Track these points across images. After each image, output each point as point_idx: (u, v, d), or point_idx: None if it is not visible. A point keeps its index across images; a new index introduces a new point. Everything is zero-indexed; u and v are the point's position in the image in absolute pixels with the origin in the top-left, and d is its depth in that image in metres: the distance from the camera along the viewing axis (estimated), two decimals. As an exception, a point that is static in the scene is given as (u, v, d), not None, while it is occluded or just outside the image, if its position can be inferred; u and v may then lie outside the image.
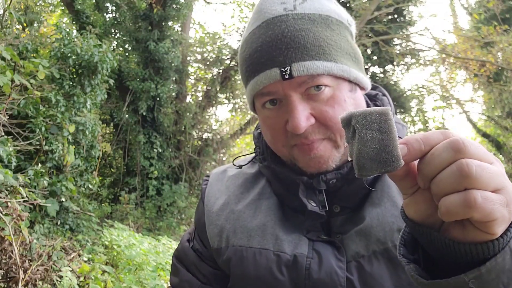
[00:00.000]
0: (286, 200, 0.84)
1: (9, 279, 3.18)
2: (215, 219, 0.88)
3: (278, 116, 0.76)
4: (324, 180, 0.77)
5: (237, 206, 0.87)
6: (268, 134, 0.80)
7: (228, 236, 0.84)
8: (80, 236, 5.06)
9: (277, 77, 0.72)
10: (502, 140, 13.95)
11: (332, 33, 0.75)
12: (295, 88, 0.73)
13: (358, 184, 0.78)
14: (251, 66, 0.76)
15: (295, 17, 0.73)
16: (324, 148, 0.75)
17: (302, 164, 0.78)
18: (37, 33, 6.93)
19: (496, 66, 10.36)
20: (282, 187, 0.83)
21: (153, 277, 4.03)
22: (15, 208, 3.21)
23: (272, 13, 0.75)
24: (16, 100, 4.43)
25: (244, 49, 0.79)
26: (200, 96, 10.86)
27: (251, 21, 0.80)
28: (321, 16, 0.75)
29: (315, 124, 0.74)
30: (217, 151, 10.01)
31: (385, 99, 0.89)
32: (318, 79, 0.72)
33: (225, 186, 0.92)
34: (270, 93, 0.75)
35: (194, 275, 0.89)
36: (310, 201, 0.78)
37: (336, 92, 0.74)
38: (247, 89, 0.80)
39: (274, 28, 0.73)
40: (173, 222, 8.16)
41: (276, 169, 0.83)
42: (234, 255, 0.82)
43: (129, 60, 9.12)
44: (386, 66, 12.43)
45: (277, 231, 0.80)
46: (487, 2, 11.36)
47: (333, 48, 0.73)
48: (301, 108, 0.72)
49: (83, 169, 5.49)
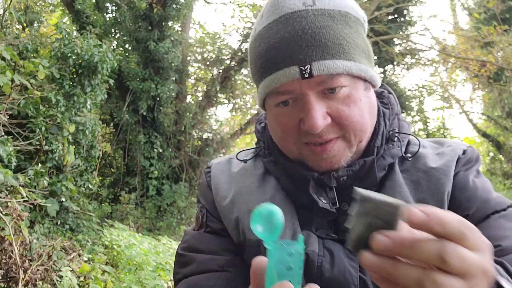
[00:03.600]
0: (294, 196, 0.82)
1: (9, 279, 3.18)
2: (227, 212, 0.84)
3: (291, 114, 0.74)
4: (335, 177, 0.76)
5: (250, 197, 0.83)
6: (279, 130, 0.78)
7: (244, 230, 0.81)
8: (80, 236, 5.06)
9: (296, 76, 0.69)
10: (502, 140, 13.95)
11: (350, 30, 0.73)
12: (312, 87, 0.71)
13: (369, 182, 0.77)
14: (267, 63, 0.73)
15: (315, 13, 0.71)
16: (337, 148, 0.74)
17: (312, 163, 0.76)
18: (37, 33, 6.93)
19: (496, 66, 10.36)
20: (291, 183, 0.81)
21: (153, 277, 4.03)
22: (15, 208, 3.21)
23: (291, 8, 0.72)
24: (16, 100, 4.43)
25: (258, 44, 0.76)
26: (200, 96, 10.87)
27: (266, 14, 0.76)
28: (341, 13, 0.73)
29: (330, 123, 0.72)
30: (217, 151, 10.01)
31: (392, 97, 0.88)
32: (337, 79, 0.70)
33: (233, 178, 0.89)
34: (286, 92, 0.73)
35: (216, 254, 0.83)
36: (320, 198, 0.76)
37: (352, 91, 0.73)
38: (261, 85, 0.76)
39: (294, 24, 0.70)
40: (173, 222, 8.16)
41: (285, 164, 0.81)
42: (251, 250, 0.80)
43: (129, 60, 9.12)
44: (386, 66, 12.44)
45: (295, 225, 0.78)
46: (487, 2, 11.35)
47: (351, 46, 0.72)
48: (318, 108, 0.71)
49: (83, 169, 5.49)
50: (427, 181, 0.77)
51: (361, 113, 0.73)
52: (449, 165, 0.78)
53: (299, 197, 0.81)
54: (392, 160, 0.80)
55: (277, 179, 0.85)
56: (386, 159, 0.79)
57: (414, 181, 0.78)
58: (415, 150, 0.81)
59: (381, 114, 0.83)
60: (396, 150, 0.80)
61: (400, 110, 0.87)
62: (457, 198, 0.77)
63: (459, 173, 0.79)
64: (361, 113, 0.73)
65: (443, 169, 0.78)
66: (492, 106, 13.82)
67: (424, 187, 0.77)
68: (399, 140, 0.81)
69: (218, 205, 0.86)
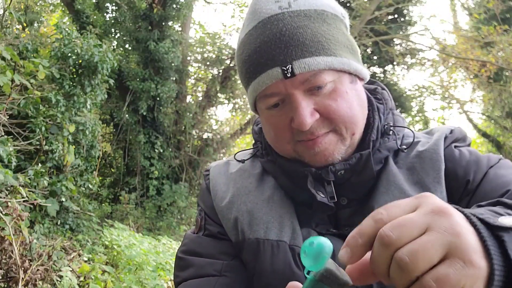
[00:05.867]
0: (293, 193, 0.83)
1: (9, 279, 3.18)
2: (226, 213, 0.85)
3: (282, 114, 0.76)
4: (332, 171, 0.77)
5: (249, 197, 0.85)
6: (272, 132, 0.79)
7: (243, 229, 0.82)
8: (80, 236, 5.06)
9: (279, 76, 0.71)
10: (502, 140, 13.96)
11: (328, 27, 0.75)
12: (297, 86, 0.72)
13: (366, 175, 0.78)
14: (251, 68, 0.75)
15: (291, 15, 0.73)
16: (328, 141, 0.75)
17: (308, 159, 0.78)
18: (37, 33, 6.92)
19: (496, 66, 10.36)
20: (289, 181, 0.82)
21: (153, 277, 4.03)
22: (15, 208, 3.21)
23: (268, 13, 0.74)
24: (16, 100, 4.43)
25: (242, 51, 0.78)
26: (200, 96, 10.87)
27: (246, 23, 0.79)
28: (317, 12, 0.75)
29: (319, 119, 0.74)
30: (217, 151, 10.01)
31: (385, 93, 0.90)
32: (320, 75, 0.72)
33: (230, 179, 0.90)
34: (273, 94, 0.75)
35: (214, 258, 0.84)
36: (318, 193, 0.77)
37: (338, 85, 0.74)
38: (249, 90, 0.79)
39: (272, 28, 0.73)
40: (173, 222, 8.17)
41: (282, 162, 0.82)
42: (250, 248, 0.80)
43: (129, 60, 9.12)
44: (386, 66, 12.44)
45: (294, 223, 0.79)
46: (487, 2, 11.35)
47: (331, 42, 0.73)
48: (305, 105, 0.72)
49: (83, 169, 5.49)
50: (420, 164, 0.79)
51: (349, 106, 0.75)
52: (437, 143, 0.81)
53: (298, 194, 0.81)
54: (388, 153, 0.81)
55: (275, 178, 0.86)
56: (382, 152, 0.80)
57: (409, 167, 0.80)
58: (410, 142, 0.83)
59: (375, 109, 0.85)
60: (391, 143, 0.82)
61: (394, 105, 0.90)
62: (451, 170, 0.79)
63: (449, 148, 0.82)
64: (349, 106, 0.75)
65: (433, 148, 0.80)
66: (492, 106, 13.82)
67: (418, 169, 0.79)
68: (394, 134, 0.83)
69: (217, 206, 0.87)
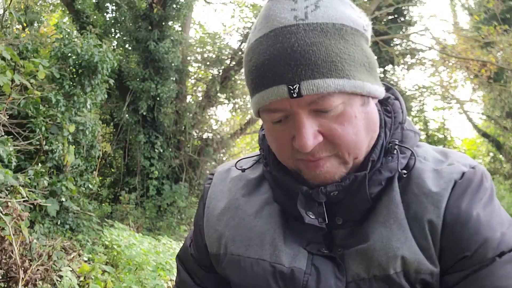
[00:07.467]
0: (288, 208, 0.80)
1: (9, 279, 3.18)
2: (215, 223, 0.86)
3: (284, 129, 0.72)
4: (323, 192, 0.73)
5: (238, 211, 0.84)
6: (274, 145, 0.77)
7: (226, 243, 0.82)
8: (80, 236, 5.06)
9: (284, 95, 0.66)
10: (502, 140, 13.96)
11: (346, 44, 0.68)
12: (303, 106, 0.68)
13: (361, 197, 0.73)
14: (257, 79, 0.71)
15: (306, 28, 0.66)
16: (330, 165, 0.72)
17: (308, 177, 0.74)
18: (37, 33, 6.91)
19: (497, 66, 10.36)
20: (284, 195, 0.80)
21: (153, 277, 4.03)
22: (15, 208, 3.21)
23: (282, 22, 0.68)
24: (16, 100, 4.43)
25: (250, 58, 0.73)
26: (200, 96, 10.86)
27: (258, 26, 0.73)
28: (335, 26, 0.68)
29: (322, 142, 0.69)
30: (217, 151, 10.01)
31: (397, 104, 0.82)
32: (328, 98, 0.66)
33: (227, 188, 0.89)
34: (277, 109, 0.70)
35: (191, 275, 0.94)
36: (308, 213, 0.74)
37: (347, 108, 0.69)
38: (252, 100, 0.75)
39: (283, 41, 0.66)
40: (173, 222, 8.17)
41: (278, 176, 0.80)
42: (232, 264, 0.81)
43: (129, 60, 9.12)
44: (386, 66, 12.45)
45: (277, 240, 0.77)
46: (487, 2, 11.36)
47: (346, 62, 0.67)
48: (308, 126, 0.68)
49: (83, 169, 5.49)
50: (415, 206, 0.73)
51: (355, 131, 0.70)
52: (441, 193, 0.71)
53: (292, 209, 0.78)
54: (390, 174, 0.74)
55: (271, 188, 0.84)
56: (382, 173, 0.74)
57: (407, 202, 0.74)
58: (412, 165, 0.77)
59: (383, 124, 0.78)
60: (395, 164, 0.74)
61: (405, 118, 0.81)
62: (455, 233, 0.69)
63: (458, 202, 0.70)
64: (355, 131, 0.70)
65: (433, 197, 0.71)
66: (492, 106, 13.82)
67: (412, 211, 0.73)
68: (398, 153, 0.75)
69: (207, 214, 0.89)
